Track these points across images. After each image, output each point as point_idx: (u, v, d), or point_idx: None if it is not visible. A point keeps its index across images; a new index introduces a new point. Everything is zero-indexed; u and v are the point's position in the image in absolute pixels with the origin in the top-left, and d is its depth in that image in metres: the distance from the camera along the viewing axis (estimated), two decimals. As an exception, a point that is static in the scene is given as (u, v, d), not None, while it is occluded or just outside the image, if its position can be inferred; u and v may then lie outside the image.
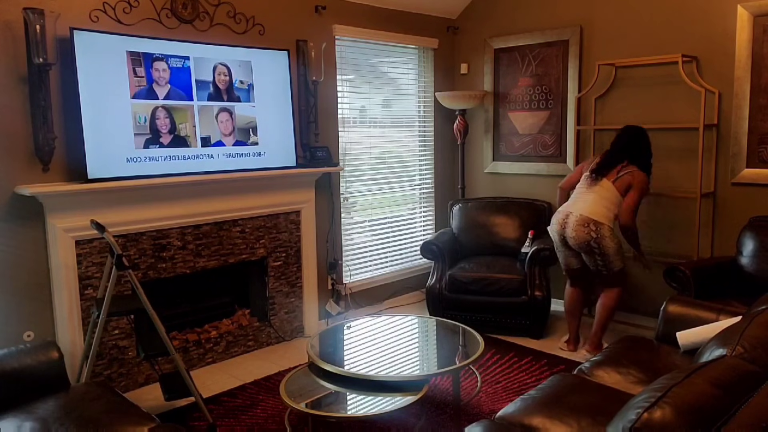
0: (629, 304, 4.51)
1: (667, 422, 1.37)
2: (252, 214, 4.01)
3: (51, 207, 3.17)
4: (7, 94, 3.06)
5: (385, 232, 5.09)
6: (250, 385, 3.55)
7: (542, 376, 3.60)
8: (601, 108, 4.54)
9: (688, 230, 4.11)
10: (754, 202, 3.91)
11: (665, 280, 3.68)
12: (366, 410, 2.65)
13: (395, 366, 2.93)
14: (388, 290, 5.08)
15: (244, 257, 4.01)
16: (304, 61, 4.23)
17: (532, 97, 4.94)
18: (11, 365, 2.39)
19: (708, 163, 4.05)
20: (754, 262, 3.62)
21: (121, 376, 3.47)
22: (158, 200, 3.53)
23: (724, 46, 3.95)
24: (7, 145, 3.07)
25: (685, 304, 3.03)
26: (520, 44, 4.93)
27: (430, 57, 5.25)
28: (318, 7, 4.34)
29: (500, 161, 5.18)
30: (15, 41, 3.05)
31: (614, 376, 2.54)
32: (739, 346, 1.80)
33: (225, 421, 3.12)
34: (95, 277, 3.32)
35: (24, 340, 3.18)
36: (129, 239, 3.46)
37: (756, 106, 3.85)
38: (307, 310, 4.40)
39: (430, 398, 3.29)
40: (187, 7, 3.64)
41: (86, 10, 3.26)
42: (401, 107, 5.14)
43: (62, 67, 3.18)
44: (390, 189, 5.10)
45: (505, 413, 2.16)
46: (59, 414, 2.22)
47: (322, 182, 4.46)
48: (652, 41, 4.25)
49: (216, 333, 3.96)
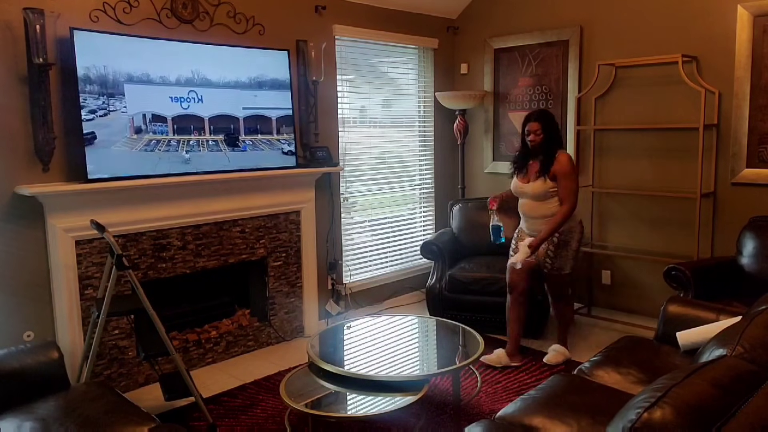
0: (629, 304, 4.51)
1: (667, 422, 1.37)
2: (252, 214, 4.01)
3: (51, 207, 3.17)
4: (7, 94, 3.06)
5: (385, 232, 5.09)
6: (250, 385, 3.54)
7: (542, 376, 3.60)
8: (601, 108, 4.54)
9: (688, 230, 4.11)
10: (754, 202, 3.91)
11: (665, 280, 3.68)
12: (366, 410, 2.66)
13: (395, 366, 2.94)
14: (388, 290, 5.08)
15: (244, 257, 4.01)
16: (304, 61, 4.23)
17: (532, 97, 4.93)
18: (11, 365, 2.39)
19: (708, 163, 4.04)
20: (754, 262, 3.62)
21: (121, 376, 3.47)
22: (158, 200, 3.53)
23: (724, 46, 3.95)
24: (7, 145, 3.07)
25: (685, 304, 3.03)
26: (520, 44, 4.93)
27: (430, 57, 5.25)
28: (318, 7, 4.34)
29: (500, 161, 5.17)
30: (15, 41, 3.05)
31: (614, 376, 2.54)
32: (739, 346, 1.80)
33: (225, 421, 3.12)
34: (95, 277, 3.32)
35: (24, 340, 3.18)
36: (129, 239, 3.45)
37: (756, 106, 3.85)
38: (307, 310, 4.39)
39: (430, 398, 3.29)
40: (187, 7, 3.64)
41: (86, 10, 3.26)
42: (401, 107, 5.13)
43: (62, 67, 3.18)
44: (390, 189, 5.10)
45: (505, 413, 2.16)
46: (59, 414, 2.22)
47: (322, 182, 4.46)
48: (652, 41, 4.25)
49: (216, 333, 3.96)
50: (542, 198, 3.58)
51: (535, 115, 3.62)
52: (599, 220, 4.65)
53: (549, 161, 3.53)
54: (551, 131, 3.57)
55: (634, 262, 4.46)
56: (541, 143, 3.55)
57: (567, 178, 3.52)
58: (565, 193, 3.53)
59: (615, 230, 4.58)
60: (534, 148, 3.59)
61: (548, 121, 3.58)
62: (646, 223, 4.40)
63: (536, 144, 3.56)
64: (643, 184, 4.36)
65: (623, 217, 4.52)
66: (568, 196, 3.53)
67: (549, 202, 3.57)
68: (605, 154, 4.56)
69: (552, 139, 3.57)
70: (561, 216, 3.51)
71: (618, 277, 4.59)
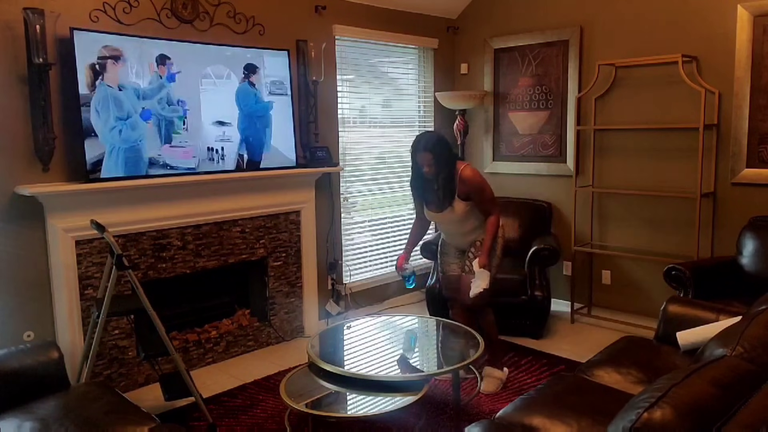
0: (629, 304, 4.51)
1: (667, 422, 1.37)
2: (252, 214, 4.01)
3: (51, 207, 3.17)
4: (7, 94, 3.06)
5: (385, 232, 5.09)
6: (250, 385, 3.54)
7: (542, 376, 3.60)
8: (601, 108, 4.54)
9: (688, 230, 4.11)
10: (754, 202, 3.91)
11: (665, 280, 3.68)
12: (366, 410, 2.65)
13: (395, 366, 2.93)
14: (388, 290, 5.08)
15: (244, 257, 4.01)
16: (304, 61, 4.23)
17: (532, 97, 4.93)
18: (11, 365, 2.39)
19: (708, 163, 4.04)
20: (754, 262, 3.62)
21: (121, 376, 3.47)
22: (158, 200, 3.53)
23: (724, 46, 3.95)
24: (7, 145, 3.07)
25: (685, 304, 3.03)
26: (520, 44, 4.93)
27: (430, 57, 5.25)
28: (318, 7, 4.34)
29: (500, 161, 5.18)
30: (15, 41, 3.05)
31: (614, 376, 2.54)
32: (739, 346, 1.80)
33: (225, 421, 3.12)
34: (95, 277, 3.32)
35: (24, 340, 3.18)
36: (129, 239, 3.45)
37: (756, 106, 3.85)
38: (307, 310, 4.39)
39: (430, 398, 3.29)
40: (187, 7, 3.64)
41: (86, 10, 3.26)
42: (401, 107, 5.13)
43: (62, 67, 3.18)
44: (390, 189, 5.10)
45: (505, 413, 2.16)
46: (59, 414, 2.22)
47: (322, 182, 4.46)
48: (652, 41, 4.25)
49: (216, 333, 3.96)
50: (464, 217, 3.34)
51: (422, 143, 3.22)
52: (599, 220, 4.65)
53: (453, 185, 3.25)
54: (444, 156, 3.22)
55: (634, 262, 4.46)
56: (437, 171, 3.24)
57: (480, 192, 3.29)
58: (485, 205, 3.31)
59: (615, 230, 4.58)
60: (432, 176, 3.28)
61: (439, 147, 3.21)
62: (646, 223, 4.39)
63: (432, 174, 3.26)
64: (643, 184, 4.35)
65: (623, 217, 4.52)
66: (490, 206, 3.32)
67: (471, 215, 3.34)
68: (605, 154, 4.56)
69: (447, 162, 3.23)
70: (492, 227, 3.30)
71: (618, 277, 4.59)
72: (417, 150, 3.24)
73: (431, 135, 3.35)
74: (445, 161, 3.23)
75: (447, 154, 3.24)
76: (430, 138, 3.26)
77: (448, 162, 3.24)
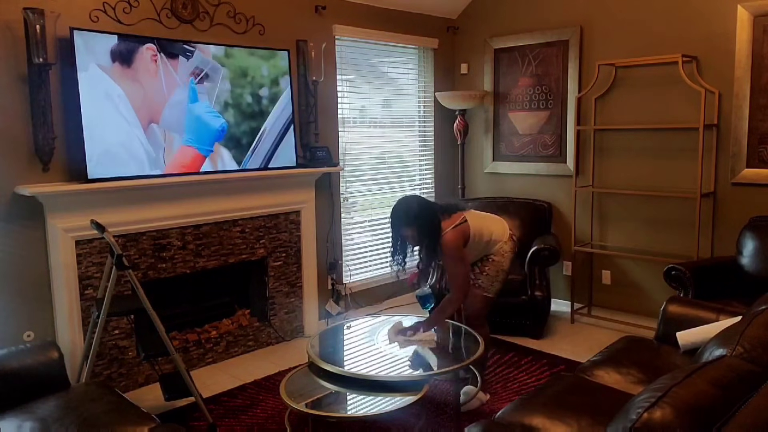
0: (629, 304, 4.51)
1: (667, 422, 1.37)
2: (252, 214, 4.01)
3: (51, 207, 3.17)
4: (7, 94, 3.06)
5: (385, 232, 5.08)
6: (250, 385, 3.55)
7: (542, 376, 3.60)
8: (601, 108, 4.54)
9: (688, 230, 4.11)
10: (754, 202, 3.91)
11: (665, 280, 3.68)
12: (366, 410, 2.65)
13: (395, 366, 2.93)
14: (388, 290, 5.08)
15: (244, 257, 4.01)
16: (304, 61, 4.23)
17: (532, 97, 4.93)
18: (11, 365, 2.39)
19: (708, 163, 4.04)
20: (754, 262, 3.62)
21: (121, 376, 3.47)
22: (158, 200, 3.53)
23: (724, 46, 3.95)
24: (7, 145, 3.07)
25: (685, 304, 3.03)
26: (520, 44, 4.93)
27: (430, 57, 5.25)
28: (318, 7, 4.34)
29: (500, 161, 5.18)
30: (15, 41, 3.05)
31: (614, 376, 2.54)
32: (739, 346, 1.80)
33: (225, 421, 3.12)
34: (95, 277, 3.32)
35: (24, 340, 3.18)
36: (129, 239, 3.45)
37: (756, 106, 3.85)
38: (307, 310, 4.39)
39: (430, 398, 3.29)
40: (187, 7, 3.64)
41: (86, 10, 3.26)
42: (401, 107, 5.13)
43: (62, 67, 3.18)
44: (390, 189, 5.10)
45: (504, 413, 2.16)
46: (59, 414, 2.22)
47: (322, 182, 4.46)
48: (652, 41, 4.25)
49: (216, 333, 3.96)
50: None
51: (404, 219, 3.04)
52: (599, 220, 4.65)
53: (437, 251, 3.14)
54: (427, 228, 3.03)
55: (634, 262, 4.46)
56: (420, 241, 3.11)
57: (448, 263, 3.13)
58: (450, 279, 3.17)
59: (615, 230, 4.58)
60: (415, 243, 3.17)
61: (421, 219, 3.02)
62: (646, 223, 4.39)
63: (416, 243, 3.15)
64: (643, 184, 4.35)
65: (623, 217, 4.52)
66: (453, 281, 3.13)
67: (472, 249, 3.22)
68: (605, 154, 4.56)
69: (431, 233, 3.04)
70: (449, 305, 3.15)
71: (618, 277, 4.59)
72: (399, 225, 3.06)
73: (411, 206, 3.05)
74: (428, 231, 3.03)
75: (429, 224, 3.03)
76: (409, 210, 3.03)
77: (431, 232, 3.03)
